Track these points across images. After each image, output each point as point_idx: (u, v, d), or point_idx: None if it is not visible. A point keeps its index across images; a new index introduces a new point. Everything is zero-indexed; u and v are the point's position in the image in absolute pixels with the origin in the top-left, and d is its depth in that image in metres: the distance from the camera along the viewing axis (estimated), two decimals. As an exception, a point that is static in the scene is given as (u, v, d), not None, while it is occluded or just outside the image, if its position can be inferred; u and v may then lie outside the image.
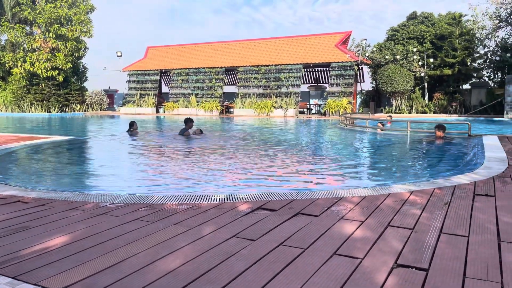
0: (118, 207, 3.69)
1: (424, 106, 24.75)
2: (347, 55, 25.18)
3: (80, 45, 29.77)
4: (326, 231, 2.92)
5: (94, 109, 32.32)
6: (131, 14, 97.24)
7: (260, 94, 27.56)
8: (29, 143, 9.45)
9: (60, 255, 2.51)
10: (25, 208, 3.66)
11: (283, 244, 2.68)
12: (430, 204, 3.67)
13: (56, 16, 27.98)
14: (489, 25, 23.91)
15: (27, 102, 29.41)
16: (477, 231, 2.91)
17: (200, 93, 29.60)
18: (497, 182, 4.59)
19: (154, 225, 3.13)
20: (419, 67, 25.06)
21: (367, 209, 3.50)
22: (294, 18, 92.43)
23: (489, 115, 22.13)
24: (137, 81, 32.20)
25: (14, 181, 5.36)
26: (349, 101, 24.63)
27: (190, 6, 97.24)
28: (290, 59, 27.40)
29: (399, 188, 4.38)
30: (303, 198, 3.90)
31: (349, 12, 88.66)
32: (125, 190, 5.14)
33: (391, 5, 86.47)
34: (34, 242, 2.74)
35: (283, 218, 3.26)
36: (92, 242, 2.74)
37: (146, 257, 2.46)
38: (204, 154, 9.06)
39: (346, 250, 2.55)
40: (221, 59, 30.17)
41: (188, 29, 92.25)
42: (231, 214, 3.42)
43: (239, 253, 2.52)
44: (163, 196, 4.09)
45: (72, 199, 4.00)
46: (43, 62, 28.04)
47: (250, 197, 3.99)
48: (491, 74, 25.08)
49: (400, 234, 2.85)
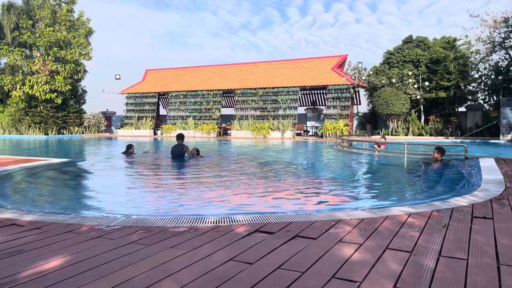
0: (114, 230, 3.65)
1: (420, 129, 24.90)
2: (344, 78, 25.47)
3: (79, 68, 30.03)
4: (324, 254, 2.90)
5: (92, 131, 32.35)
6: (130, 37, 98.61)
7: (258, 116, 27.71)
8: (26, 165, 9.41)
9: (55, 279, 2.47)
10: (20, 231, 3.62)
11: (280, 267, 2.65)
12: (428, 226, 3.65)
13: (55, 39, 28.32)
14: (482, 49, 24.32)
15: (25, 124, 29.44)
16: (476, 254, 2.89)
17: (198, 115, 29.74)
18: (495, 205, 4.58)
19: (150, 248, 3.09)
20: (414, 90, 25.33)
21: (365, 232, 3.47)
22: (291, 42, 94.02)
23: (485, 137, 22.26)
24: (135, 104, 32.39)
25: (9, 204, 5.31)
26: (345, 123, 24.77)
27: (188, 29, 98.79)
28: (287, 82, 27.68)
29: (397, 210, 4.36)
30: (301, 221, 3.87)
31: (345, 36, 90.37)
32: (121, 212, 5.09)
33: (386, 29, 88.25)
34: (29, 266, 2.70)
35: (280, 241, 3.23)
36: (87, 266, 2.70)
37: (142, 282, 2.42)
38: (201, 176, 9.02)
39: (345, 274, 2.52)
40: (218, 82, 30.45)
41: (186, 52, 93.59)
42: (228, 237, 3.39)
43: (236, 277, 2.48)
44: (160, 219, 4.05)
45: (67, 222, 3.96)
46: (42, 84, 28.22)
47: (247, 219, 3.96)
48: (486, 97, 25.37)
49: (399, 257, 2.83)
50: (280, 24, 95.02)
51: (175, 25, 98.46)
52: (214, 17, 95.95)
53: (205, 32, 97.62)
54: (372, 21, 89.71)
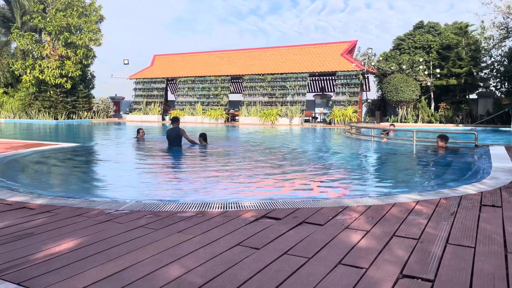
0: (123, 214, 3.69)
1: (430, 116, 24.64)
2: (353, 64, 25.21)
3: (89, 53, 30.07)
4: (331, 240, 2.91)
5: (101, 116, 32.54)
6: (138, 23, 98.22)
7: (266, 103, 27.62)
8: (36, 149, 9.52)
9: (64, 262, 2.51)
10: (31, 215, 3.68)
11: (287, 253, 2.66)
12: (436, 214, 3.64)
13: (66, 24, 28.32)
14: (496, 35, 23.83)
15: (34, 109, 29.69)
16: (484, 242, 2.88)
17: (206, 101, 29.73)
18: (504, 193, 4.55)
19: (159, 232, 3.13)
20: (425, 77, 25.00)
21: (373, 219, 3.47)
22: (300, 27, 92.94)
23: (496, 125, 21.97)
24: (144, 89, 32.44)
25: (20, 188, 5.39)
26: (354, 110, 24.60)
27: (196, 15, 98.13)
28: (296, 67, 27.47)
29: (405, 197, 4.35)
30: (308, 207, 3.88)
31: (354, 22, 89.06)
32: (130, 196, 5.14)
33: (397, 15, 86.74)
34: (39, 249, 2.75)
35: (287, 227, 3.24)
36: (96, 249, 2.75)
37: (150, 265, 2.46)
38: (209, 161, 9.06)
39: (351, 260, 2.53)
40: (227, 68, 30.32)
41: (194, 37, 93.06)
42: (235, 222, 3.41)
43: (243, 262, 2.51)
44: (168, 203, 4.09)
45: (77, 206, 4.01)
46: (52, 69, 28.34)
47: (254, 205, 3.98)
48: (498, 84, 24.96)
49: (406, 244, 2.82)
50: (289, 9, 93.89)
51: (183, 10, 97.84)
52: (222, 2, 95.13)
53: (213, 18, 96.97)
54: (382, 7, 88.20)
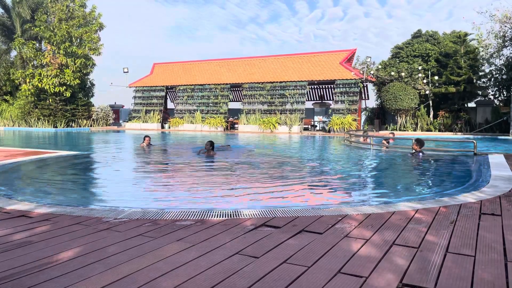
0: (122, 222, 3.68)
1: (429, 124, 24.69)
2: (352, 73, 25.30)
3: (88, 62, 30.16)
4: (330, 249, 2.90)
5: (100, 125, 32.54)
6: (138, 31, 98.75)
7: (265, 111, 27.67)
8: (35, 157, 9.50)
9: (63, 270, 2.50)
10: (29, 223, 3.67)
11: (286, 261, 2.65)
12: (435, 222, 3.63)
13: (67, 35, 28.46)
14: (494, 43, 23.96)
15: (34, 117, 29.70)
16: (484, 250, 2.87)
17: (205, 109, 29.77)
18: (504, 201, 4.54)
19: (157, 241, 3.12)
20: (424, 85, 25.09)
21: (372, 227, 3.46)
22: (299, 36, 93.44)
23: (495, 133, 22.02)
24: (143, 97, 32.50)
25: (19, 196, 5.37)
26: (353, 118, 24.64)
27: (196, 23, 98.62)
28: (295, 76, 27.57)
29: (405, 206, 4.34)
30: (307, 215, 3.87)
31: (353, 30, 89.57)
32: (129, 205, 5.13)
33: (396, 23, 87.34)
34: (37, 257, 2.73)
35: (287, 235, 3.23)
36: (94, 257, 2.73)
37: (149, 274, 2.44)
38: (209, 170, 9.05)
39: (351, 269, 2.52)
40: (226, 76, 30.42)
41: (194, 45, 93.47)
42: (234, 230, 3.40)
43: (242, 271, 2.49)
44: (167, 212, 4.08)
45: (76, 214, 4.00)
46: (51, 78, 28.40)
47: (254, 213, 3.97)
48: (496, 92, 25.06)
49: (406, 252, 2.82)
50: (288, 18, 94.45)
51: (183, 18, 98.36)
52: (222, 11, 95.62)
53: (213, 26, 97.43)
54: (381, 15, 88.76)
